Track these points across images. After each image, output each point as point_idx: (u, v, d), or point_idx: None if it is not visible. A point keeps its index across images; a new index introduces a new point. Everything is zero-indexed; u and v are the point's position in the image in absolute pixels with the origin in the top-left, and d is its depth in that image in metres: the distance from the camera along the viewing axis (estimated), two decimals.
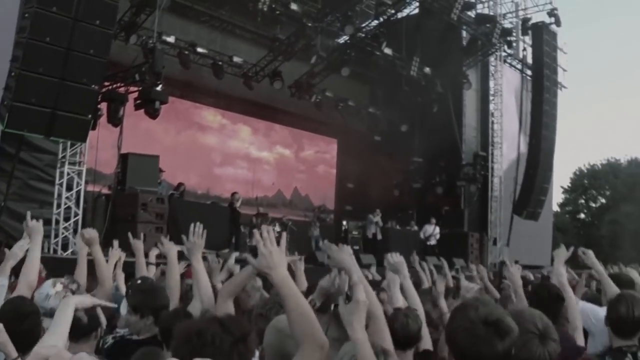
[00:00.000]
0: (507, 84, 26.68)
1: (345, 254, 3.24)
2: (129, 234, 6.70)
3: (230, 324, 2.30)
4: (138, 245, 6.17)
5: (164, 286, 4.72)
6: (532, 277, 9.96)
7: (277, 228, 19.28)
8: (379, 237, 20.36)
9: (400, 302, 4.55)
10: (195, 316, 3.85)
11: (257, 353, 2.97)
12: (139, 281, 4.93)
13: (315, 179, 26.81)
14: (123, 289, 5.49)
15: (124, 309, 4.35)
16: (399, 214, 23.13)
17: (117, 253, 6.19)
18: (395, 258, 4.41)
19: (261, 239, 2.58)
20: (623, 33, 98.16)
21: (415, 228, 22.29)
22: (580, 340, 4.29)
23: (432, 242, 21.73)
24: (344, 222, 22.12)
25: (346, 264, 3.21)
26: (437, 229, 22.03)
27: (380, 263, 16.71)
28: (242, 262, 6.43)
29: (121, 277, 6.16)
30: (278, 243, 2.61)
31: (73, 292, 4.48)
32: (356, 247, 19.91)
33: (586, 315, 4.50)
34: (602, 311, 4.24)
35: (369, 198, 23.12)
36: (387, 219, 21.72)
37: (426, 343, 3.90)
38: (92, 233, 5.19)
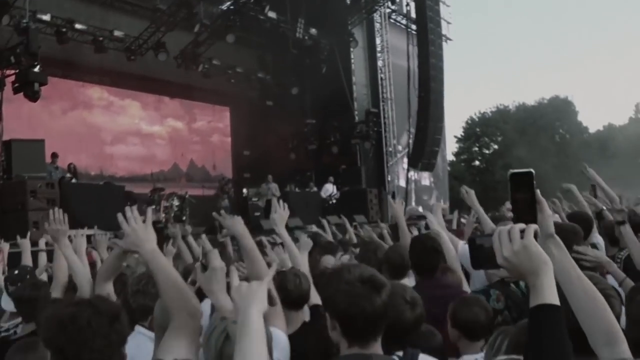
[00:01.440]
0: (393, 39, 27.04)
1: (237, 222, 3.45)
2: (17, 237, 6.54)
3: (100, 305, 2.31)
4: (25, 244, 6.08)
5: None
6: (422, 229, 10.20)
7: (176, 202, 19.05)
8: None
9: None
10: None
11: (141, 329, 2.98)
12: (15, 271, 4.81)
13: (210, 149, 26.52)
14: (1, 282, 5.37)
15: (5, 302, 4.25)
16: (297, 176, 23.25)
17: None
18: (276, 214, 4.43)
19: (124, 219, 2.67)
20: None
21: (315, 189, 22.41)
22: (464, 283, 4.51)
23: (334, 200, 21.94)
24: (244, 190, 22.07)
25: (238, 231, 3.42)
26: (335, 188, 22.27)
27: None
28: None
29: None
30: (144, 221, 2.70)
31: None
32: (257, 214, 19.92)
33: (465, 257, 4.62)
34: None
35: (266, 163, 23.15)
36: (286, 182, 21.78)
37: (316, 299, 3.95)
38: None
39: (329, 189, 22.16)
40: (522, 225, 1.82)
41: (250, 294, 2.02)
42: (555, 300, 1.78)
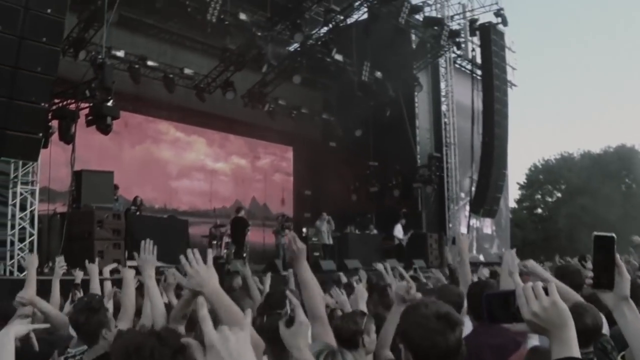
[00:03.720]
0: (458, 84, 27.04)
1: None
2: (86, 261, 6.72)
3: (168, 337, 2.31)
4: (93, 269, 6.23)
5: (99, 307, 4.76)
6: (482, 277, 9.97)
7: None
8: (330, 241, 20.35)
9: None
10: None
11: None
12: (84, 299, 4.93)
13: (272, 188, 26.79)
14: None
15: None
16: (358, 218, 23.22)
17: (59, 271, 6.25)
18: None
19: (187, 261, 2.75)
20: (570, 29, 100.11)
21: (375, 232, 22.38)
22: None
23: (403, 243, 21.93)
24: (304, 229, 22.14)
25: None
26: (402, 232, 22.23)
27: (340, 268, 16.82)
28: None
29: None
30: (205, 261, 2.76)
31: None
32: (316, 254, 19.95)
33: None
34: None
35: (327, 204, 23.22)
36: (346, 223, 21.81)
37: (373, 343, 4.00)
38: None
39: (401, 230, 22.10)
40: (542, 284, 1.93)
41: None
42: (578, 354, 1.91)
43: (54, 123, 15.11)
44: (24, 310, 4.90)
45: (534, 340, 3.82)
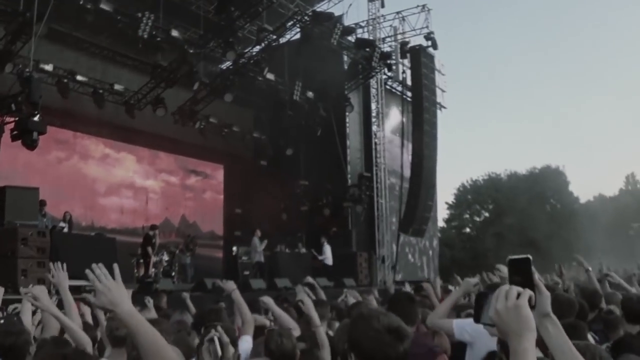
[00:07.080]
0: (388, 105, 27.41)
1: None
2: (31, 285, 6.53)
3: (75, 358, 2.27)
4: (42, 290, 6.03)
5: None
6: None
7: (166, 257, 19.10)
8: (262, 259, 20.33)
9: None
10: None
11: None
12: (1, 321, 4.80)
13: (202, 206, 26.61)
14: None
15: None
16: (288, 237, 23.22)
17: None
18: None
19: (95, 277, 2.46)
20: (497, 53, 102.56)
21: (304, 250, 22.37)
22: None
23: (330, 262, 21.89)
24: (234, 248, 22.02)
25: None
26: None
27: (270, 287, 16.80)
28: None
29: None
30: (113, 276, 2.49)
31: None
32: (246, 273, 19.85)
33: (462, 329, 4.73)
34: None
35: (258, 222, 23.15)
36: (276, 242, 21.77)
37: None
38: None
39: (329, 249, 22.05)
40: (519, 289, 1.92)
41: None
42: None
43: None
44: None
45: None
